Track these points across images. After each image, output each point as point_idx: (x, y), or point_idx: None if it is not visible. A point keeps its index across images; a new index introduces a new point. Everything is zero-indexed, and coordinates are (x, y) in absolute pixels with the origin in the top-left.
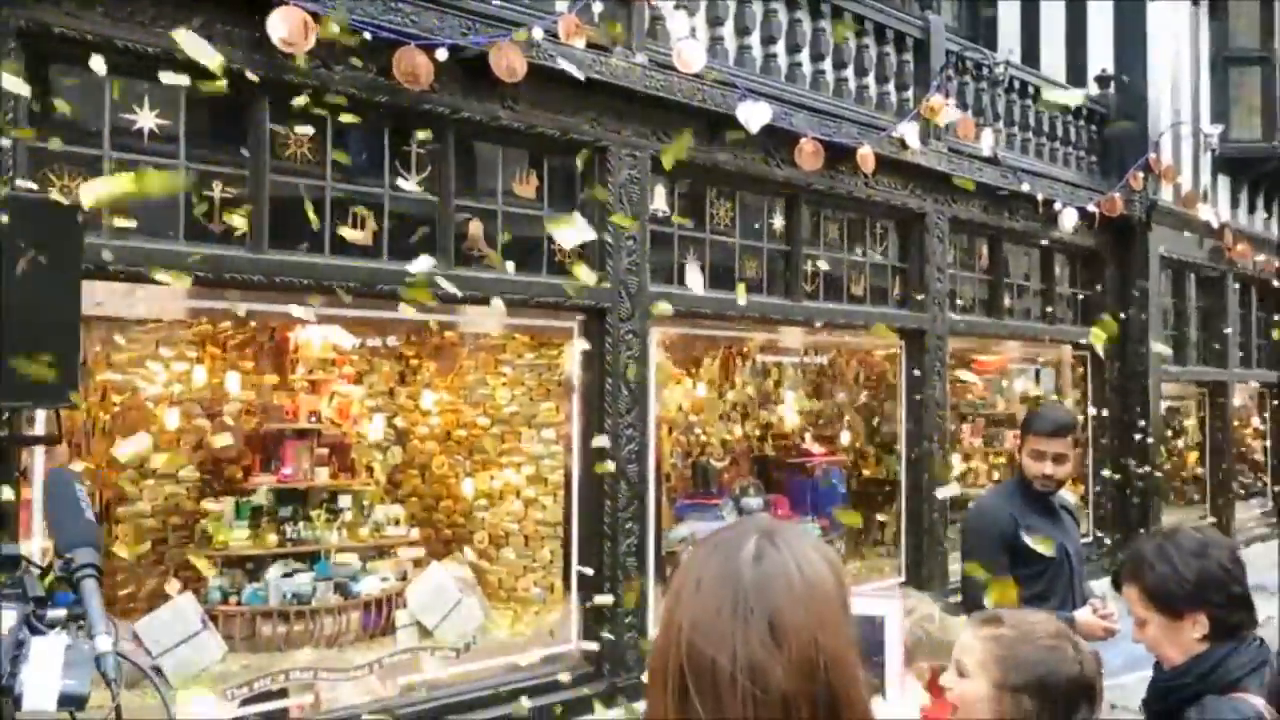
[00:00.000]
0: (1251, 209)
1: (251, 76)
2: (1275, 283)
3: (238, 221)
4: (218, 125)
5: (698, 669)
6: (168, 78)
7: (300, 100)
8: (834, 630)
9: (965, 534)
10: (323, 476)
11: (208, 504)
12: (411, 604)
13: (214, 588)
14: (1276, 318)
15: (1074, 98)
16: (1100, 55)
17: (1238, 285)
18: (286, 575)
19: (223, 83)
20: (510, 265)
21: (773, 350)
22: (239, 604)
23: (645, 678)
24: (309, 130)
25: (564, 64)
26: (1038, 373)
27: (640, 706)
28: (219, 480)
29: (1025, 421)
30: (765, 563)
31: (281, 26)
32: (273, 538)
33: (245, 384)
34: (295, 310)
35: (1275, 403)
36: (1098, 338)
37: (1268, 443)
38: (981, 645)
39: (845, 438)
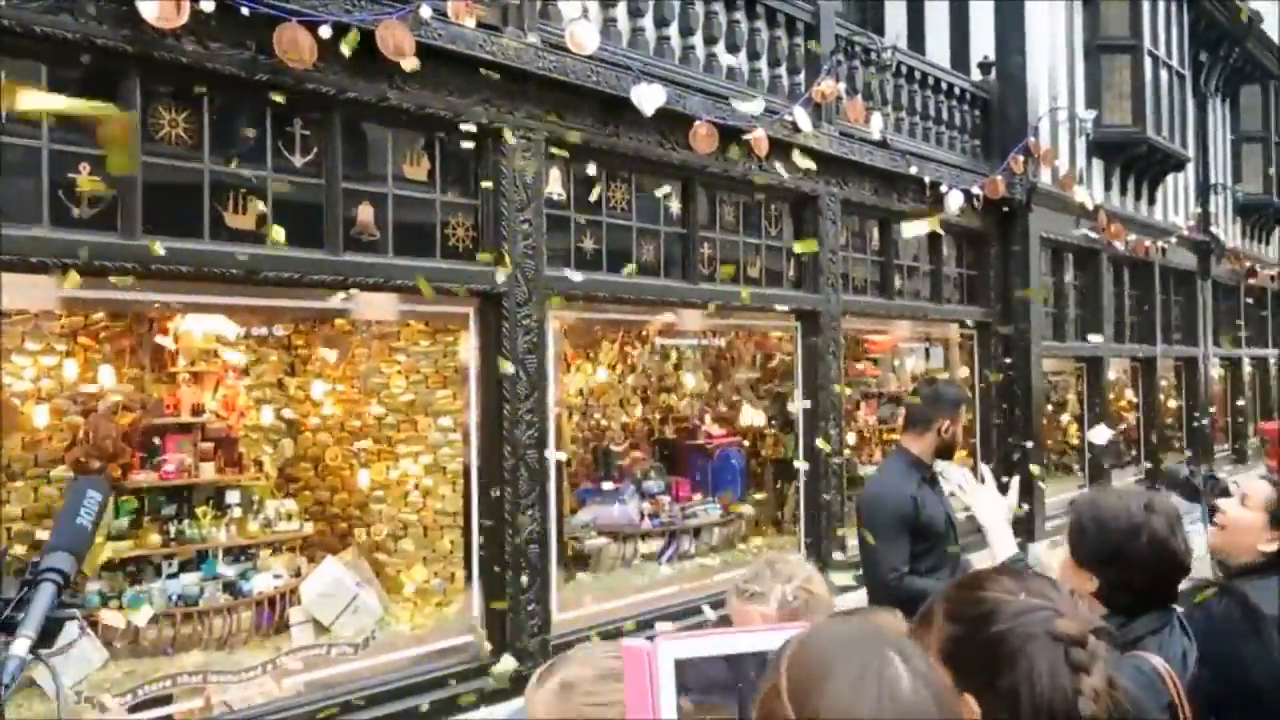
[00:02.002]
0: (1123, 191)
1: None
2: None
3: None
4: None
5: None
6: None
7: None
8: None
9: (864, 515)
10: (208, 472)
11: None
12: (306, 600)
13: (92, 592)
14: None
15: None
16: (982, 41)
17: (1111, 264)
18: (171, 576)
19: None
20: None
21: (671, 333)
22: (120, 608)
23: None
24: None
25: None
26: (928, 350)
27: None
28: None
29: (955, 401)
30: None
31: (152, 5)
32: (155, 538)
33: (122, 377)
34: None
35: (1146, 376)
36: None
37: (1140, 414)
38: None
39: (744, 418)
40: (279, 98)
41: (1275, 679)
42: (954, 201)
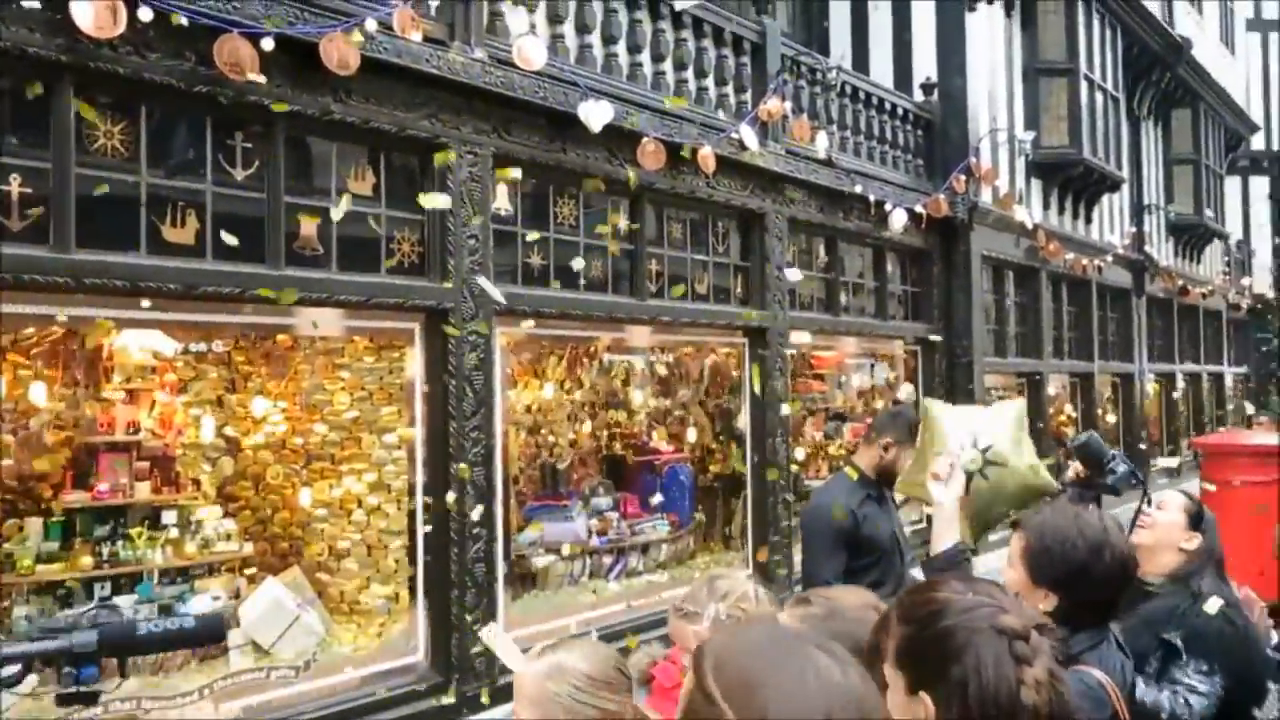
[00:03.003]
0: (1061, 211)
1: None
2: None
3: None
4: (15, 113)
5: None
6: None
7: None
8: None
9: (804, 531)
10: (144, 491)
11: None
12: (245, 622)
13: (19, 617)
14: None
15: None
16: (925, 63)
17: (1050, 282)
18: (105, 599)
19: None
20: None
21: (620, 349)
22: None
23: None
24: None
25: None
26: (873, 367)
27: (493, 715)
28: (25, 499)
29: (907, 424)
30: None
31: (88, 12)
32: (88, 559)
33: (53, 395)
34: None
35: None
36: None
37: (1079, 429)
38: (795, 626)
39: (692, 434)
40: (219, 110)
41: (1264, 682)
42: (897, 220)
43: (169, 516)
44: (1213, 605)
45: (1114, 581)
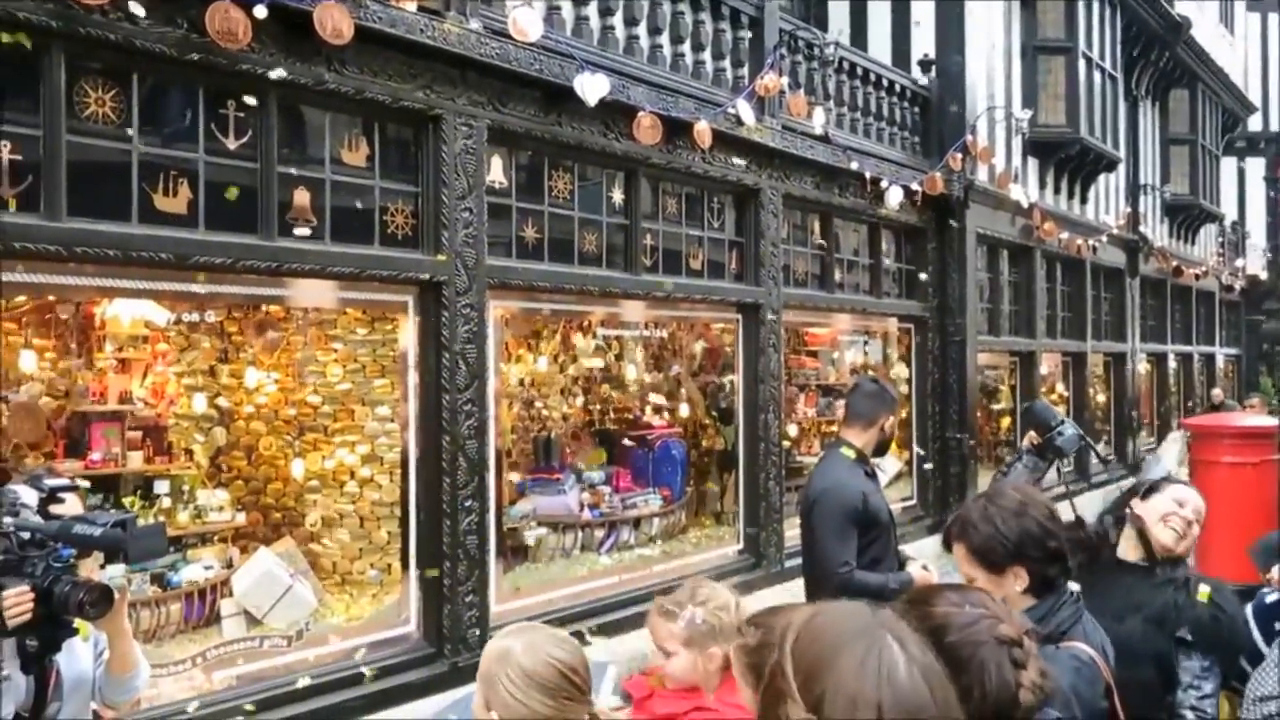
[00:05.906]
0: (1057, 190)
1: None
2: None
3: None
4: (5, 79)
5: None
6: None
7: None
8: None
9: (815, 510)
10: (136, 461)
11: None
12: (238, 592)
13: None
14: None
15: None
16: (923, 41)
17: (1044, 261)
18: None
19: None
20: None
21: (614, 324)
22: None
23: None
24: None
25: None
26: (866, 344)
27: None
28: (19, 469)
29: (895, 398)
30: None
31: None
32: None
33: (44, 363)
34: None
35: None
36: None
37: (1070, 408)
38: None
39: (685, 410)
40: (211, 78)
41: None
42: (893, 197)
43: (161, 486)
44: (1203, 592)
45: (1057, 530)
